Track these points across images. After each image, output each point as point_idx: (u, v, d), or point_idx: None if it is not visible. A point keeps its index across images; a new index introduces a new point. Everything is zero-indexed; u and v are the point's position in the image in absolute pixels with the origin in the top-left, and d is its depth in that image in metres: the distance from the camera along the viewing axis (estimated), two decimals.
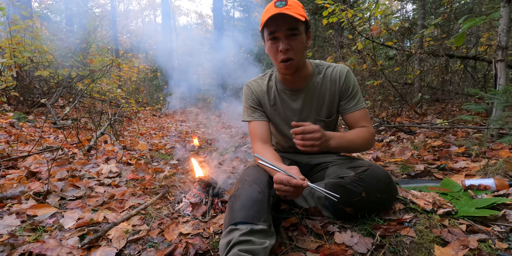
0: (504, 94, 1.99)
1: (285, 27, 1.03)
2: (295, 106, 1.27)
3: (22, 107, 4.67)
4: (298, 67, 1.14)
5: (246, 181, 1.01)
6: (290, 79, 1.22)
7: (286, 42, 1.05)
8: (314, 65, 1.25)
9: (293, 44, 1.06)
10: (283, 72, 1.16)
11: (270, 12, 1.03)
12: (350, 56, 5.24)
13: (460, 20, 2.33)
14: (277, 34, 1.05)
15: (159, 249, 1.07)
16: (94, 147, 2.87)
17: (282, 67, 1.11)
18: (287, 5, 1.03)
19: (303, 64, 1.17)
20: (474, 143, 2.09)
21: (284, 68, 1.11)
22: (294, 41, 1.06)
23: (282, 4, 1.03)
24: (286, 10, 1.01)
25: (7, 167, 1.97)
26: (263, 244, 0.83)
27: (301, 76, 1.21)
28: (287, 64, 1.09)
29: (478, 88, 3.98)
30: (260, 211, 0.90)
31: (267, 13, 1.04)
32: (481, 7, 7.60)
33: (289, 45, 1.05)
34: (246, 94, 1.31)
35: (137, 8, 32.10)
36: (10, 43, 4.07)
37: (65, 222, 1.25)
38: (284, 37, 1.05)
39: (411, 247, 0.95)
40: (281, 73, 1.21)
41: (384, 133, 3.56)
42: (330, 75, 1.23)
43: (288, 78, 1.22)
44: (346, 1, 5.33)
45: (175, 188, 1.73)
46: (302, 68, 1.18)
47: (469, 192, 1.27)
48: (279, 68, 1.15)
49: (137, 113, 7.98)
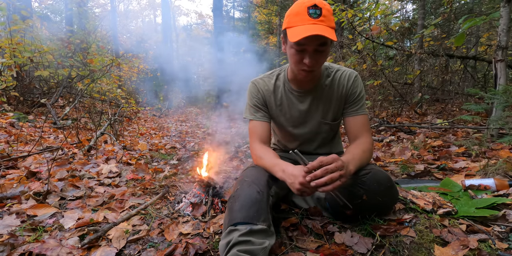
0: (504, 94, 1.99)
1: (317, 42, 0.97)
2: (302, 108, 1.26)
3: (22, 107, 4.67)
4: (315, 75, 1.13)
5: (245, 181, 1.01)
6: (300, 80, 1.21)
7: (314, 57, 1.01)
8: (324, 67, 1.24)
9: (319, 58, 1.03)
10: (300, 78, 1.14)
11: (302, 21, 0.96)
12: (350, 56, 5.24)
13: (460, 20, 2.33)
14: (306, 47, 1.00)
15: (159, 249, 1.07)
16: (94, 147, 2.87)
17: (302, 74, 1.09)
18: (321, 15, 0.96)
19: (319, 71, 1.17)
20: (474, 143, 2.09)
21: (304, 76, 1.09)
22: (321, 56, 1.03)
23: (316, 14, 0.96)
24: (320, 23, 0.96)
25: (7, 167, 1.97)
26: (262, 244, 0.83)
27: (312, 78, 1.20)
28: (308, 74, 1.07)
29: (478, 88, 3.98)
30: (259, 211, 0.90)
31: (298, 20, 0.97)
32: (481, 7, 7.60)
33: (315, 60, 1.02)
34: (251, 92, 1.29)
35: (137, 8, 32.14)
36: (10, 43, 4.07)
37: (65, 222, 1.25)
38: (313, 51, 1.00)
39: (411, 247, 0.95)
40: (298, 79, 1.18)
41: (384, 133, 3.56)
42: (339, 78, 1.22)
43: (299, 80, 1.21)
44: (346, 1, 5.33)
45: (175, 188, 1.73)
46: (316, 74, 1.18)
47: (469, 192, 1.27)
48: (298, 73, 1.11)
49: (137, 113, 7.98)
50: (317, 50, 1.00)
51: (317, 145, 1.36)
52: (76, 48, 5.47)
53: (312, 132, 1.31)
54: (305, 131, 1.31)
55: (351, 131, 1.21)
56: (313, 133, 1.31)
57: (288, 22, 1.02)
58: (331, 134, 1.35)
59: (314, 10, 0.95)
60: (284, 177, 0.96)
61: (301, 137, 1.33)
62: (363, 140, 1.16)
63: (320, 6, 0.96)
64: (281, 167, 0.99)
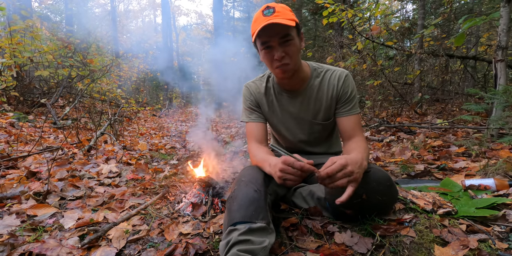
0: (504, 94, 1.99)
1: (278, 36, 1.03)
2: (292, 109, 1.28)
3: (22, 107, 4.67)
4: (294, 70, 1.14)
5: (242, 181, 1.02)
6: (288, 81, 1.23)
7: (281, 49, 1.06)
8: (312, 68, 1.26)
9: (287, 49, 1.07)
10: (281, 77, 1.16)
11: (259, 23, 1.02)
12: (350, 56, 5.23)
13: (460, 20, 2.33)
14: (271, 44, 1.06)
15: (159, 249, 1.07)
16: (94, 147, 2.87)
17: (279, 72, 1.12)
18: (275, 12, 1.03)
19: (299, 66, 1.18)
20: (474, 143, 2.09)
21: (282, 72, 1.12)
22: (288, 47, 1.06)
23: (270, 12, 1.03)
24: (275, 17, 1.01)
25: (7, 167, 1.97)
26: (262, 243, 0.83)
27: (298, 78, 1.21)
28: (284, 69, 1.10)
29: (478, 88, 3.99)
30: (258, 210, 0.90)
31: (257, 24, 1.04)
32: (481, 7, 7.61)
33: (283, 52, 1.06)
34: (245, 95, 1.33)
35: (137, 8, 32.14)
36: (10, 43, 4.07)
37: (65, 222, 1.25)
38: (278, 45, 1.05)
39: (411, 247, 0.95)
40: (279, 78, 1.21)
41: (384, 133, 3.56)
42: (328, 79, 1.23)
43: (285, 81, 1.22)
44: (346, 1, 5.33)
45: (175, 188, 1.73)
46: (299, 71, 1.18)
47: (469, 192, 1.27)
48: (276, 73, 1.16)
49: (137, 113, 7.98)
50: (282, 43, 1.05)
51: (312, 145, 1.37)
52: (76, 48, 5.47)
53: (305, 132, 1.33)
54: (297, 132, 1.33)
55: (345, 131, 1.22)
56: (306, 133, 1.33)
57: (252, 30, 1.09)
58: (325, 134, 1.36)
59: (267, 10, 1.04)
60: (270, 170, 0.99)
61: (295, 137, 1.35)
62: (359, 139, 1.17)
63: (272, 6, 1.04)
64: (268, 162, 1.02)
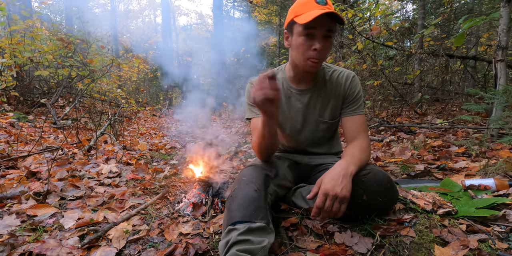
0: (504, 94, 1.99)
1: (326, 27, 1.01)
2: (300, 106, 1.27)
3: (22, 107, 4.67)
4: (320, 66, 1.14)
5: (242, 181, 1.02)
6: (301, 77, 1.22)
7: (323, 43, 1.03)
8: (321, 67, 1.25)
9: (327, 45, 1.05)
10: (307, 69, 1.13)
11: (310, 8, 1.00)
12: (350, 56, 5.23)
13: (460, 20, 2.33)
14: (316, 32, 1.02)
15: (159, 249, 1.07)
16: (94, 147, 2.87)
17: (309, 64, 1.09)
18: (327, 4, 1.01)
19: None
20: (474, 143, 2.09)
21: (311, 66, 1.09)
22: (328, 42, 1.05)
23: (323, 2, 1.01)
24: (328, 9, 0.99)
25: (7, 167, 1.97)
26: (261, 243, 0.83)
27: (312, 75, 1.21)
28: (315, 64, 1.08)
29: (478, 88, 3.98)
30: (257, 209, 0.90)
31: (307, 8, 1.01)
32: (481, 7, 7.60)
33: (324, 46, 1.04)
34: (249, 92, 1.30)
35: (137, 8, 32.15)
36: (10, 43, 4.07)
37: (65, 222, 1.25)
38: (322, 37, 1.03)
39: (411, 247, 0.95)
40: (304, 70, 1.17)
41: (384, 133, 3.56)
42: (336, 78, 1.23)
43: (299, 76, 1.22)
44: (346, 1, 5.33)
45: (175, 188, 1.73)
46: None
47: (469, 192, 1.27)
48: (304, 64, 1.11)
49: (137, 113, 7.98)
50: (326, 36, 1.03)
51: (315, 145, 1.36)
52: (76, 48, 5.47)
53: (310, 131, 1.32)
54: (302, 130, 1.32)
55: (349, 131, 1.22)
56: (311, 132, 1.32)
57: (295, 12, 1.05)
58: (329, 133, 1.36)
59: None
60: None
61: (299, 136, 1.34)
62: (361, 140, 1.17)
63: None
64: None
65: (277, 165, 1.22)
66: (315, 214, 0.94)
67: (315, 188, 0.96)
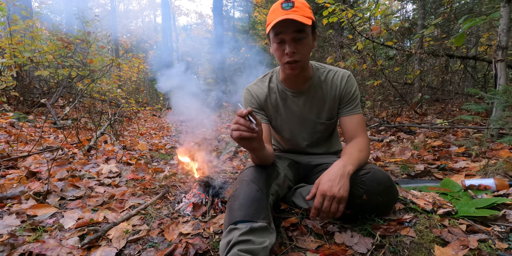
0: (504, 94, 1.99)
1: (292, 30, 1.02)
2: (296, 108, 1.27)
3: (22, 107, 4.67)
4: (303, 68, 1.14)
5: (244, 181, 1.02)
6: (293, 79, 1.22)
7: (293, 45, 1.04)
8: (315, 67, 1.25)
9: (300, 47, 1.05)
10: (288, 72, 1.15)
11: (276, 15, 1.01)
12: (350, 56, 5.24)
13: (460, 20, 2.33)
14: (284, 37, 1.04)
15: (159, 249, 1.07)
16: (94, 147, 2.87)
17: (287, 67, 1.11)
18: (294, 7, 1.02)
19: (307, 65, 1.18)
20: (474, 143, 2.09)
21: (289, 68, 1.10)
22: (300, 44, 1.05)
23: (289, 6, 1.02)
24: (293, 12, 1.00)
25: (7, 167, 1.97)
26: (262, 243, 0.83)
27: (303, 77, 1.21)
28: (293, 66, 1.09)
29: (478, 88, 3.99)
30: (259, 209, 0.90)
31: (273, 15, 1.03)
32: (481, 7, 7.60)
33: (295, 48, 1.05)
34: (246, 99, 1.31)
35: (137, 8, 32.12)
36: (10, 43, 4.07)
37: (65, 222, 1.25)
38: (291, 40, 1.04)
39: (411, 247, 0.95)
40: (286, 73, 1.20)
41: (384, 133, 3.56)
42: (331, 79, 1.23)
43: (290, 78, 1.22)
44: (346, 1, 5.33)
45: (175, 188, 1.73)
46: (305, 69, 1.18)
47: (469, 192, 1.27)
48: (283, 68, 1.14)
49: (137, 113, 7.98)
50: (295, 38, 1.04)
51: (314, 145, 1.37)
52: (76, 48, 5.47)
53: (308, 132, 1.32)
54: (300, 131, 1.32)
55: (347, 131, 1.22)
56: (309, 133, 1.33)
57: (268, 20, 1.08)
58: (327, 133, 1.36)
59: (286, 3, 1.03)
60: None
61: (297, 138, 1.35)
62: (359, 139, 1.17)
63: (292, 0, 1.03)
64: None
65: (278, 165, 1.23)
66: (314, 214, 0.95)
67: (313, 188, 0.96)
